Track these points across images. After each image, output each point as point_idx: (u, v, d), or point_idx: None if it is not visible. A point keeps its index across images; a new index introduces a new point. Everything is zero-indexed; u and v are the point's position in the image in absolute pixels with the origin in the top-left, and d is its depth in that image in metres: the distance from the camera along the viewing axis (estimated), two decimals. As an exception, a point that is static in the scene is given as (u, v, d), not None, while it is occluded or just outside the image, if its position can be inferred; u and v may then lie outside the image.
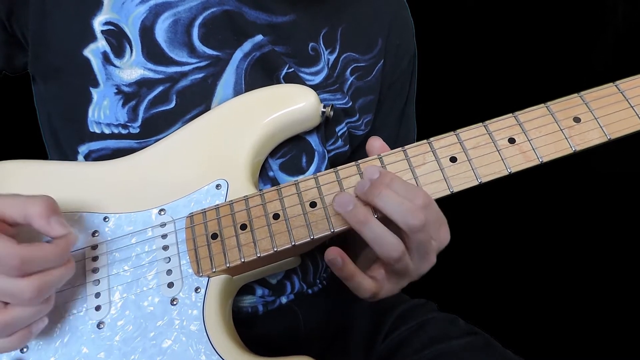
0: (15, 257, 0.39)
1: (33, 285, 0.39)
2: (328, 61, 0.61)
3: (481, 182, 0.47)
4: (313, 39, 0.60)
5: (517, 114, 0.49)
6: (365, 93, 0.64)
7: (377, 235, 0.43)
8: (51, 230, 0.42)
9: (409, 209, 0.42)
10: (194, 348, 0.45)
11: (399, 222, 0.42)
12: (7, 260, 0.38)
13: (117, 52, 0.53)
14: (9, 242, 0.39)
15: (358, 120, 0.64)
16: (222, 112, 0.55)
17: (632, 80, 0.50)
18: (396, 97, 0.69)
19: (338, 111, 0.61)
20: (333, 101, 0.61)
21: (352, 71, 0.63)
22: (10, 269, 0.39)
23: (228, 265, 0.47)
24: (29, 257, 0.39)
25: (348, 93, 0.62)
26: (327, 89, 0.60)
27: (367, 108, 0.64)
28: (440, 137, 0.49)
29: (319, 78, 0.60)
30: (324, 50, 0.60)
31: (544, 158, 0.47)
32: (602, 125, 0.48)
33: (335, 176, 0.49)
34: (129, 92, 0.54)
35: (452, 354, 0.56)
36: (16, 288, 0.39)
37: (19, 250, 0.39)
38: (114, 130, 0.55)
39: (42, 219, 0.41)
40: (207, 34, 0.54)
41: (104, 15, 0.53)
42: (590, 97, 0.49)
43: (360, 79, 0.63)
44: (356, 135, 0.65)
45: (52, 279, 0.41)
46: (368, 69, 0.63)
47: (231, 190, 0.51)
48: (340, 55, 0.62)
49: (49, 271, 0.41)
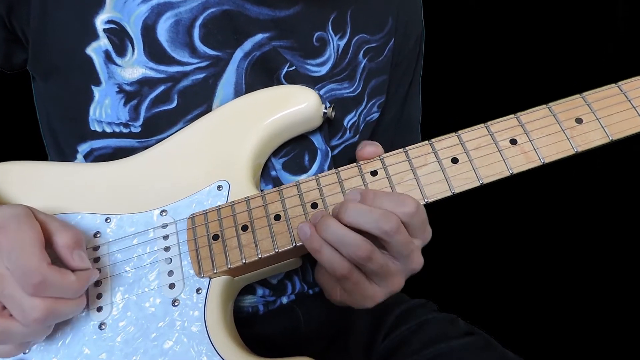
0: (39, 275, 0.39)
1: (43, 308, 0.40)
2: (338, 47, 0.60)
3: (483, 183, 0.47)
4: (319, 28, 0.59)
5: (518, 115, 0.49)
6: (377, 74, 0.63)
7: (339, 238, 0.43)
8: (72, 262, 0.43)
9: (380, 216, 0.42)
10: (195, 349, 0.45)
11: (373, 231, 0.42)
12: (30, 274, 0.39)
13: (119, 50, 0.53)
14: (41, 258, 0.40)
15: (367, 105, 0.63)
16: (223, 113, 0.55)
17: (634, 81, 0.49)
18: (402, 77, 0.68)
19: (347, 100, 0.61)
20: (340, 91, 0.60)
21: (365, 53, 0.62)
22: (28, 285, 0.40)
23: (229, 266, 0.47)
24: (50, 280, 0.40)
25: (362, 77, 0.62)
26: (334, 78, 0.60)
27: (379, 89, 0.64)
28: (442, 138, 0.49)
29: (325, 68, 0.59)
30: (333, 36, 0.60)
31: (546, 159, 0.47)
32: (604, 126, 0.47)
33: (337, 177, 0.49)
34: (130, 91, 0.54)
35: (451, 354, 0.56)
36: (27, 305, 0.40)
37: (45, 270, 0.40)
38: (115, 129, 0.55)
39: (67, 250, 0.43)
40: (207, 35, 0.54)
41: (106, 13, 0.53)
42: (592, 98, 0.49)
43: (372, 60, 0.63)
44: (370, 121, 0.65)
45: (62, 309, 0.42)
46: (379, 49, 0.63)
47: (233, 191, 0.51)
48: (352, 39, 0.61)
49: (61, 300, 0.42)
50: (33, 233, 0.41)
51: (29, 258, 0.40)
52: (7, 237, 0.40)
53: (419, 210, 0.44)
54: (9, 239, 0.40)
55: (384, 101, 0.65)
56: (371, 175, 0.49)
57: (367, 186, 0.48)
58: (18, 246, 0.40)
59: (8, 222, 0.41)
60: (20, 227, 0.41)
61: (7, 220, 0.42)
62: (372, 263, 0.43)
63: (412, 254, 0.44)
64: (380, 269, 0.44)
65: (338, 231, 0.43)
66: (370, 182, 0.48)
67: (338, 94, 0.60)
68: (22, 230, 0.41)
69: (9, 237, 0.40)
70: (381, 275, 0.44)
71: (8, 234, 0.41)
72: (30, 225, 0.42)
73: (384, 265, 0.43)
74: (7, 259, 0.40)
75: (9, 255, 0.40)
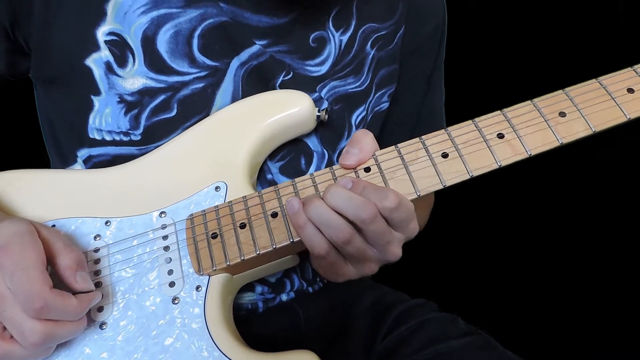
0: (41, 299, 0.40)
1: (42, 331, 0.41)
2: (340, 43, 0.60)
3: (472, 175, 0.49)
4: (317, 28, 0.59)
5: (505, 111, 0.51)
6: (387, 63, 0.63)
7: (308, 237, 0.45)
8: (75, 284, 0.44)
9: (360, 203, 0.43)
10: (196, 345, 0.46)
11: (351, 217, 0.44)
12: (32, 299, 0.40)
13: (120, 61, 0.55)
14: (44, 282, 0.40)
15: (375, 95, 0.63)
16: (220, 117, 0.56)
17: (613, 76, 0.51)
18: (419, 65, 0.67)
19: (353, 96, 0.61)
20: (344, 87, 0.61)
21: (373, 43, 0.61)
22: (29, 309, 0.40)
23: (228, 263, 0.48)
24: (52, 304, 0.40)
25: (370, 69, 0.62)
26: (336, 75, 0.60)
27: (388, 79, 0.63)
28: (432, 135, 0.51)
29: (326, 67, 0.60)
30: (334, 33, 0.59)
31: (532, 151, 0.49)
32: (587, 119, 0.49)
33: (332, 175, 0.51)
34: (131, 101, 0.55)
35: (451, 354, 0.56)
36: (27, 328, 0.40)
37: (47, 294, 0.40)
38: (115, 137, 0.56)
39: (70, 272, 0.44)
40: (206, 45, 0.56)
41: (108, 25, 0.54)
42: (575, 93, 0.51)
43: (381, 49, 0.62)
44: (379, 112, 0.64)
45: (62, 333, 0.43)
46: (389, 37, 0.62)
47: (230, 192, 0.53)
48: (358, 30, 0.60)
49: (62, 323, 0.42)
50: (36, 254, 0.41)
51: (32, 281, 0.40)
52: (10, 258, 0.41)
53: (401, 206, 0.45)
54: (12, 259, 0.40)
55: (394, 91, 0.64)
56: (365, 172, 0.50)
57: None
58: (21, 268, 0.40)
59: (11, 242, 0.41)
60: (24, 248, 0.41)
61: (10, 239, 0.42)
62: (350, 246, 0.44)
63: (388, 245, 0.46)
64: (356, 252, 0.45)
65: (323, 212, 0.44)
66: (364, 177, 0.50)
67: (342, 90, 0.60)
68: (25, 251, 0.41)
69: (13, 258, 0.41)
70: (357, 258, 0.46)
71: (11, 255, 0.41)
72: (34, 245, 0.42)
73: (360, 249, 0.45)
74: (10, 280, 0.40)
75: (11, 276, 0.40)
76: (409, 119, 0.69)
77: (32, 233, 0.43)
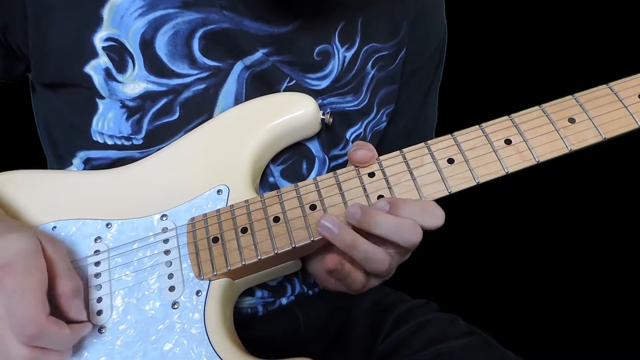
0: (36, 327, 0.39)
1: (29, 358, 0.40)
2: (344, 59, 0.59)
3: (479, 182, 0.48)
4: (323, 41, 0.58)
5: (512, 116, 0.50)
6: (387, 83, 0.62)
7: (366, 255, 0.44)
8: (69, 312, 0.43)
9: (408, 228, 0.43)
10: (195, 351, 0.45)
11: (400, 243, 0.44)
12: (27, 325, 0.39)
13: (120, 67, 0.53)
14: (41, 309, 0.40)
15: (377, 115, 0.63)
16: (222, 119, 0.56)
17: (625, 81, 0.50)
18: (419, 85, 0.67)
19: (350, 114, 0.60)
20: (342, 104, 0.60)
21: (374, 63, 0.61)
22: (21, 334, 0.39)
23: (229, 268, 0.48)
24: (46, 333, 0.40)
25: (369, 89, 0.61)
26: (336, 92, 0.59)
27: (388, 99, 0.63)
28: (438, 140, 0.50)
29: (327, 82, 0.59)
30: (339, 48, 0.58)
31: (540, 158, 0.48)
32: (597, 125, 0.48)
33: (335, 179, 0.50)
34: (133, 107, 0.54)
35: (451, 354, 0.56)
36: (14, 353, 0.40)
37: (42, 322, 0.40)
38: (117, 142, 0.55)
39: (66, 299, 0.43)
40: (207, 46, 0.54)
41: (105, 31, 0.52)
42: (585, 99, 0.50)
43: (382, 69, 0.61)
44: (378, 131, 0.64)
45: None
46: (390, 58, 0.61)
47: (232, 195, 0.52)
48: (362, 49, 0.60)
49: (49, 352, 0.42)
50: (38, 279, 0.41)
51: (29, 307, 0.39)
52: (12, 279, 0.40)
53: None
54: (14, 281, 0.40)
55: (392, 110, 0.64)
56: (369, 177, 0.49)
57: (365, 187, 0.48)
58: (20, 291, 0.40)
59: (16, 262, 0.41)
60: (27, 271, 0.40)
61: (15, 258, 0.41)
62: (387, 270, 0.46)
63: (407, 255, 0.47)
64: (387, 271, 0.46)
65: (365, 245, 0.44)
66: (368, 183, 0.49)
67: (339, 107, 0.60)
68: (28, 275, 0.40)
69: (15, 279, 0.40)
70: (384, 275, 0.47)
71: (14, 276, 0.40)
72: (37, 269, 0.41)
73: (392, 268, 0.46)
74: (7, 301, 0.40)
75: (9, 298, 0.39)
76: (401, 134, 0.69)
77: (38, 253, 0.42)
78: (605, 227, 1.30)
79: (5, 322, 0.40)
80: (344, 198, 0.48)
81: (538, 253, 1.32)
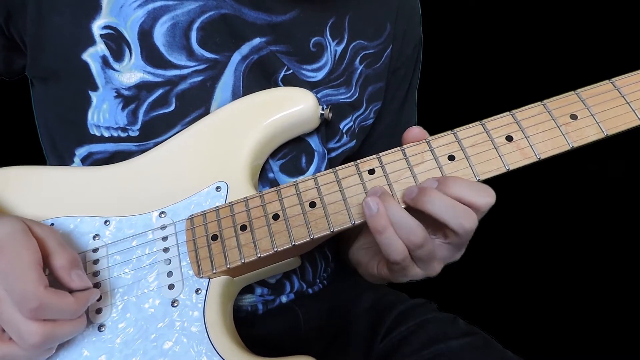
0: (36, 300, 0.39)
1: (40, 332, 0.40)
2: (335, 53, 0.60)
3: (479, 179, 0.47)
4: (317, 33, 0.59)
5: (514, 112, 0.49)
6: (374, 80, 0.64)
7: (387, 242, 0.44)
8: (71, 283, 0.43)
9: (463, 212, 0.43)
10: (195, 349, 0.45)
11: (453, 226, 0.43)
12: (27, 299, 0.39)
13: (117, 55, 0.53)
14: (38, 282, 0.40)
15: (366, 111, 0.64)
16: (221, 115, 0.55)
17: (628, 77, 0.50)
18: (400, 84, 0.68)
19: (343, 106, 0.61)
20: (336, 96, 0.61)
21: (362, 59, 0.62)
22: (25, 309, 0.39)
23: (228, 265, 0.47)
24: (48, 304, 0.40)
25: (357, 84, 0.62)
26: (330, 84, 0.60)
27: (376, 96, 0.64)
28: (439, 136, 0.49)
29: (322, 74, 0.60)
30: (330, 42, 0.60)
31: (542, 155, 0.47)
32: (599, 122, 0.48)
33: (334, 176, 0.49)
34: (128, 96, 0.54)
35: (451, 354, 0.56)
36: (25, 329, 0.40)
37: (42, 294, 0.40)
38: (113, 133, 0.55)
39: (65, 271, 0.43)
40: (205, 38, 0.55)
41: (103, 19, 0.53)
42: (587, 95, 0.49)
43: (369, 66, 0.63)
44: (365, 126, 0.65)
45: (61, 332, 0.42)
46: (377, 56, 0.63)
47: (231, 192, 0.52)
48: (349, 44, 0.61)
49: (60, 322, 0.42)
50: (30, 254, 0.41)
51: (26, 282, 0.39)
52: (4, 259, 0.40)
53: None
54: (6, 260, 0.40)
55: (379, 107, 0.65)
56: (369, 174, 0.49)
57: (365, 185, 0.48)
58: (15, 269, 0.40)
59: (5, 242, 0.41)
60: (17, 248, 0.41)
61: (3, 239, 0.41)
62: (422, 250, 0.44)
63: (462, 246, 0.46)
64: (427, 256, 0.45)
65: (399, 213, 0.43)
66: (368, 180, 0.48)
67: (334, 100, 0.60)
68: (19, 251, 0.40)
69: (6, 258, 0.40)
70: (426, 261, 0.46)
71: (5, 256, 0.40)
72: (28, 245, 0.41)
73: (431, 252, 0.45)
74: (5, 282, 0.40)
75: (5, 278, 0.40)
76: (384, 132, 0.69)
77: (26, 232, 0.42)
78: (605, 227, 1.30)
79: (9, 302, 0.40)
80: (344, 195, 0.48)
81: (538, 253, 1.32)
